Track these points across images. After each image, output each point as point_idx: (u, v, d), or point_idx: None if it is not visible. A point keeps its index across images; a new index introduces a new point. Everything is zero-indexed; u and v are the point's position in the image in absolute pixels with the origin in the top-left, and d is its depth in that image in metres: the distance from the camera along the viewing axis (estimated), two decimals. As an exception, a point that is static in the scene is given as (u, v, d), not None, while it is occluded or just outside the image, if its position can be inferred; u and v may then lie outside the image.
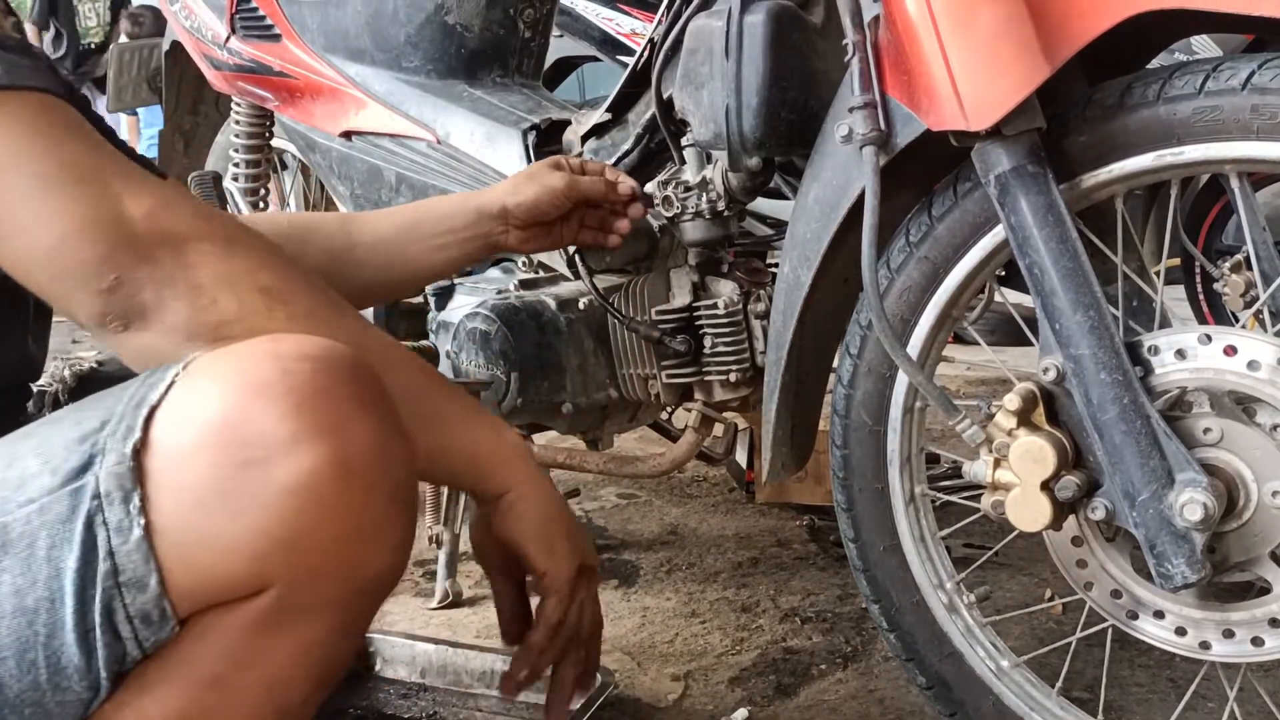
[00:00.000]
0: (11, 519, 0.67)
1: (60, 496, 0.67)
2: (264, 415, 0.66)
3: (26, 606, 0.66)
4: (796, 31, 1.15)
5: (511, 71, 1.66)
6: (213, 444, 0.66)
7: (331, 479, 0.66)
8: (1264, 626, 0.98)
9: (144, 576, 0.66)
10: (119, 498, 0.66)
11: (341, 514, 0.68)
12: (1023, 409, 0.99)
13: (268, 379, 0.66)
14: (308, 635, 0.71)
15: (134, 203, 0.72)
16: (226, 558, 0.67)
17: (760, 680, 1.50)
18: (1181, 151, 0.94)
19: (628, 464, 1.50)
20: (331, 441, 0.66)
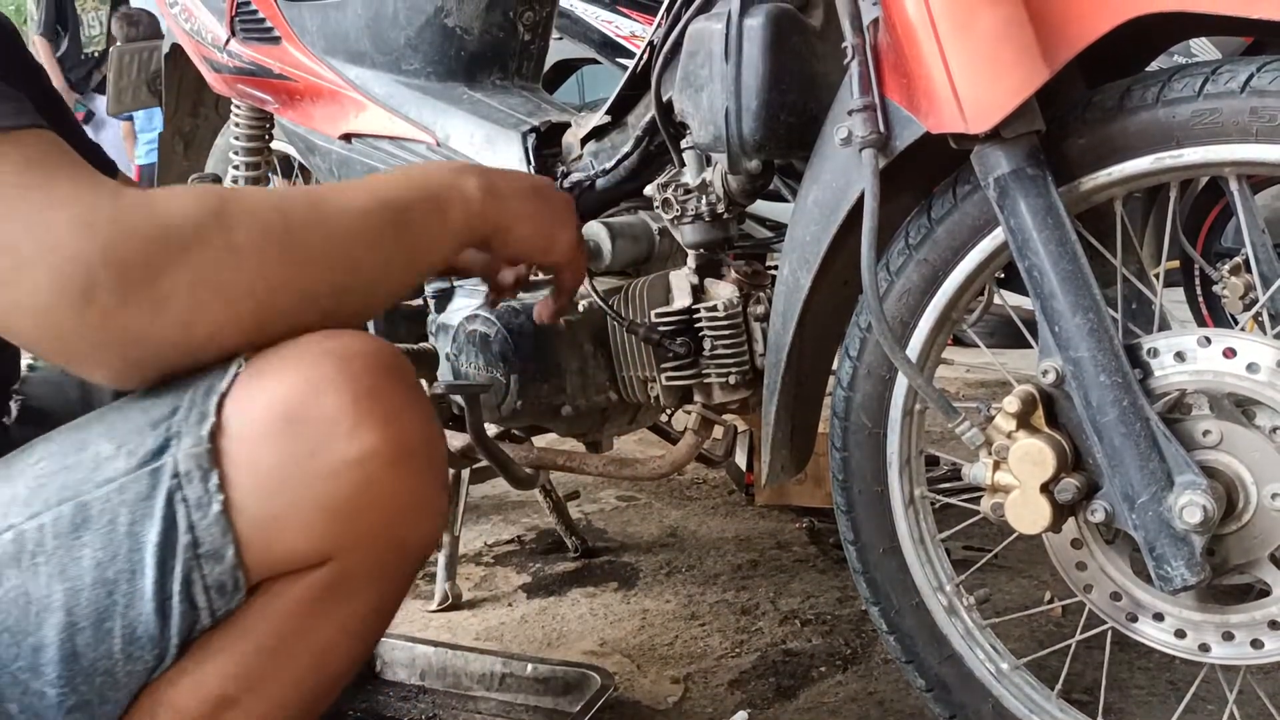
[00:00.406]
0: (91, 497, 0.72)
1: (139, 476, 0.72)
2: (329, 405, 0.73)
3: (107, 578, 0.72)
4: (796, 34, 1.15)
5: (511, 74, 1.66)
6: (284, 430, 0.73)
7: (389, 460, 0.74)
8: (1263, 629, 0.98)
9: (221, 548, 0.72)
10: (198, 476, 0.72)
11: (397, 491, 0.75)
12: (1022, 411, 0.99)
13: (329, 373, 0.73)
14: (357, 605, 0.79)
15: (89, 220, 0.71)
16: (296, 531, 0.73)
17: (760, 682, 1.50)
18: (1181, 154, 0.94)
19: (627, 466, 1.50)
20: (388, 427, 0.74)
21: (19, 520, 0.73)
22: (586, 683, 1.43)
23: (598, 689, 1.41)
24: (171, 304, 0.71)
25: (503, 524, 2.18)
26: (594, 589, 1.84)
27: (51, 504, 0.73)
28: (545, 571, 1.93)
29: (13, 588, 0.73)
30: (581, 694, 1.42)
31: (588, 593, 1.83)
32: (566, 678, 1.45)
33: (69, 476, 0.73)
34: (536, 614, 1.76)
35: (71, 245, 0.68)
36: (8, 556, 0.73)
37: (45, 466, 0.75)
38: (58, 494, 0.73)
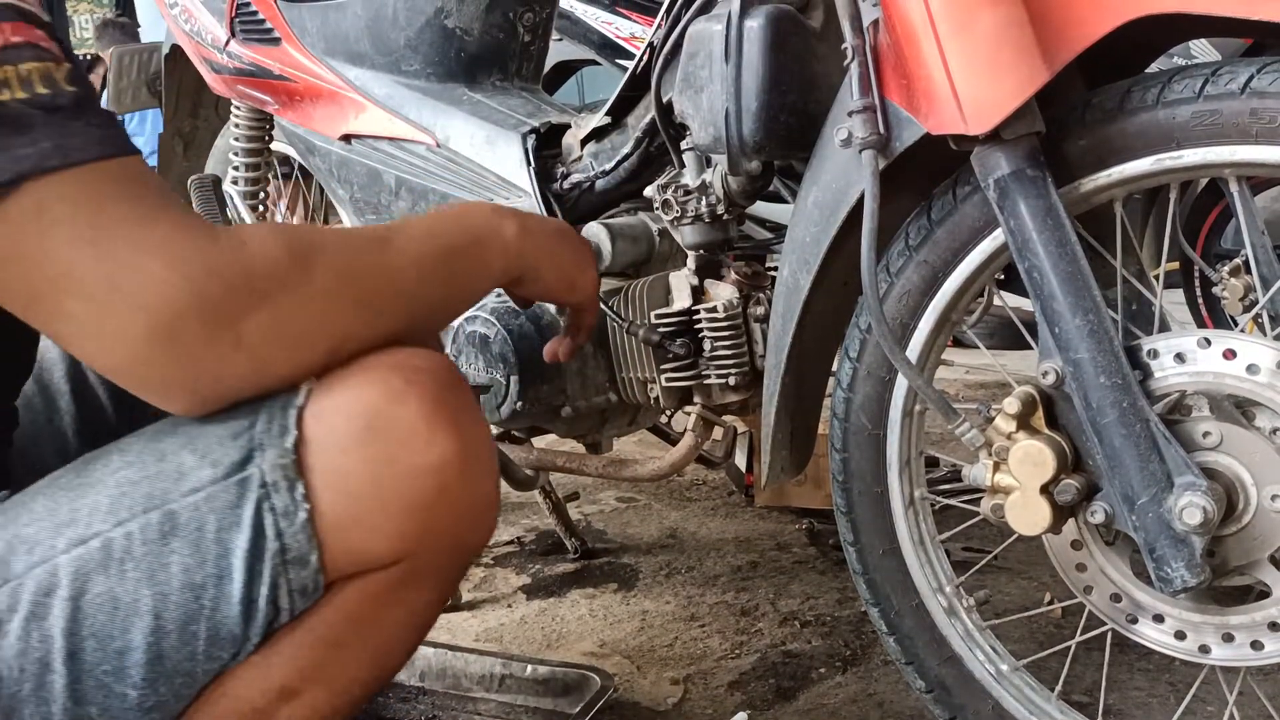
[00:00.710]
0: (178, 506, 0.76)
1: (227, 486, 0.76)
2: (405, 416, 0.78)
3: (194, 583, 0.76)
4: (796, 35, 1.15)
5: (511, 75, 1.66)
6: (365, 440, 0.78)
7: (460, 467, 0.80)
8: (1263, 630, 0.98)
9: (307, 554, 0.77)
10: (285, 486, 0.76)
11: (465, 495, 0.81)
12: (1022, 413, 0.99)
13: (401, 387, 0.79)
14: (419, 602, 0.85)
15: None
16: (374, 534, 0.79)
17: (760, 684, 1.50)
18: (1180, 155, 0.94)
19: (627, 467, 1.50)
20: (459, 436, 0.80)
21: (105, 528, 0.76)
22: (586, 684, 1.43)
23: (597, 690, 1.41)
24: (251, 346, 0.74)
25: (502, 525, 2.18)
26: (594, 590, 1.84)
27: (138, 512, 0.76)
28: (545, 573, 1.93)
29: (100, 594, 0.75)
30: (581, 695, 1.41)
31: (587, 594, 1.83)
32: (566, 679, 1.44)
33: (153, 486, 0.76)
34: (536, 615, 1.76)
35: (166, 288, 0.71)
36: (96, 563, 0.75)
37: (126, 475, 0.77)
38: (144, 503, 0.76)
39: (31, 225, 0.69)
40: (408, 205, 1.63)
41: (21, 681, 0.75)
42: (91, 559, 0.75)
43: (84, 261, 0.70)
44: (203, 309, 0.72)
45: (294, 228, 0.84)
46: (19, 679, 0.75)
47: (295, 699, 0.81)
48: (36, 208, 0.69)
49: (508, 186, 1.52)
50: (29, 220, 0.69)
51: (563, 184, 1.48)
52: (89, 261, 0.70)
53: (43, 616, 0.75)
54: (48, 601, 0.75)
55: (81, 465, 0.80)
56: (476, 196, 1.55)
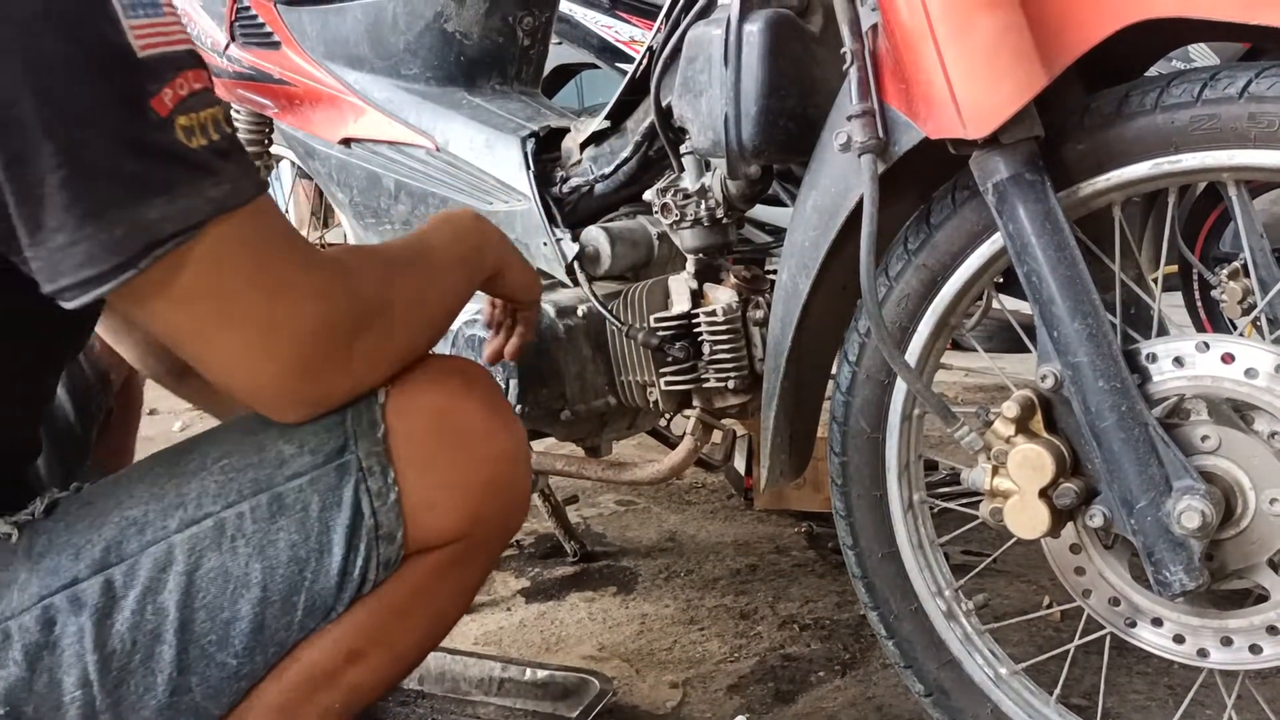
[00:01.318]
0: (284, 489, 0.85)
1: (328, 470, 0.86)
2: (470, 414, 0.91)
3: (299, 557, 0.85)
4: (795, 40, 1.15)
5: (510, 79, 1.66)
6: (440, 432, 0.89)
7: (513, 458, 0.93)
8: (1262, 634, 0.98)
9: (394, 531, 0.88)
10: (379, 470, 0.87)
11: (515, 482, 0.94)
12: (1021, 416, 0.99)
13: (462, 390, 0.92)
14: (471, 574, 0.97)
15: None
16: (447, 514, 0.90)
17: (759, 687, 1.50)
18: (1179, 160, 0.95)
19: (626, 471, 1.50)
20: (511, 432, 0.93)
21: (217, 509, 0.84)
22: (585, 687, 1.43)
23: (596, 694, 1.41)
24: (355, 366, 0.85)
25: (501, 528, 2.18)
26: (593, 593, 1.84)
27: (246, 495, 0.85)
28: (544, 576, 1.93)
29: (213, 568, 0.84)
30: (580, 699, 1.41)
31: (586, 597, 1.83)
32: (565, 682, 1.44)
33: (258, 472, 0.86)
34: (535, 618, 1.76)
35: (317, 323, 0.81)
36: (210, 541, 0.84)
37: (230, 463, 0.86)
38: (251, 486, 0.85)
39: (212, 264, 0.76)
40: (407, 209, 1.63)
41: (133, 654, 0.82)
42: (205, 537, 0.83)
43: (253, 299, 0.78)
44: (335, 338, 0.82)
45: (368, 253, 0.92)
46: (130, 651, 0.82)
47: (361, 660, 0.90)
48: (217, 248, 0.76)
49: (507, 190, 1.52)
50: (210, 259, 0.76)
51: (562, 188, 1.48)
52: (258, 299, 0.78)
53: (158, 591, 0.82)
54: (163, 577, 0.83)
55: (171, 458, 0.88)
56: (476, 200, 1.55)
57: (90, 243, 0.71)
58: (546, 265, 1.49)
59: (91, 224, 0.70)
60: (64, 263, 0.71)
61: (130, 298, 0.75)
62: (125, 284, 0.72)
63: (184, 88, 0.73)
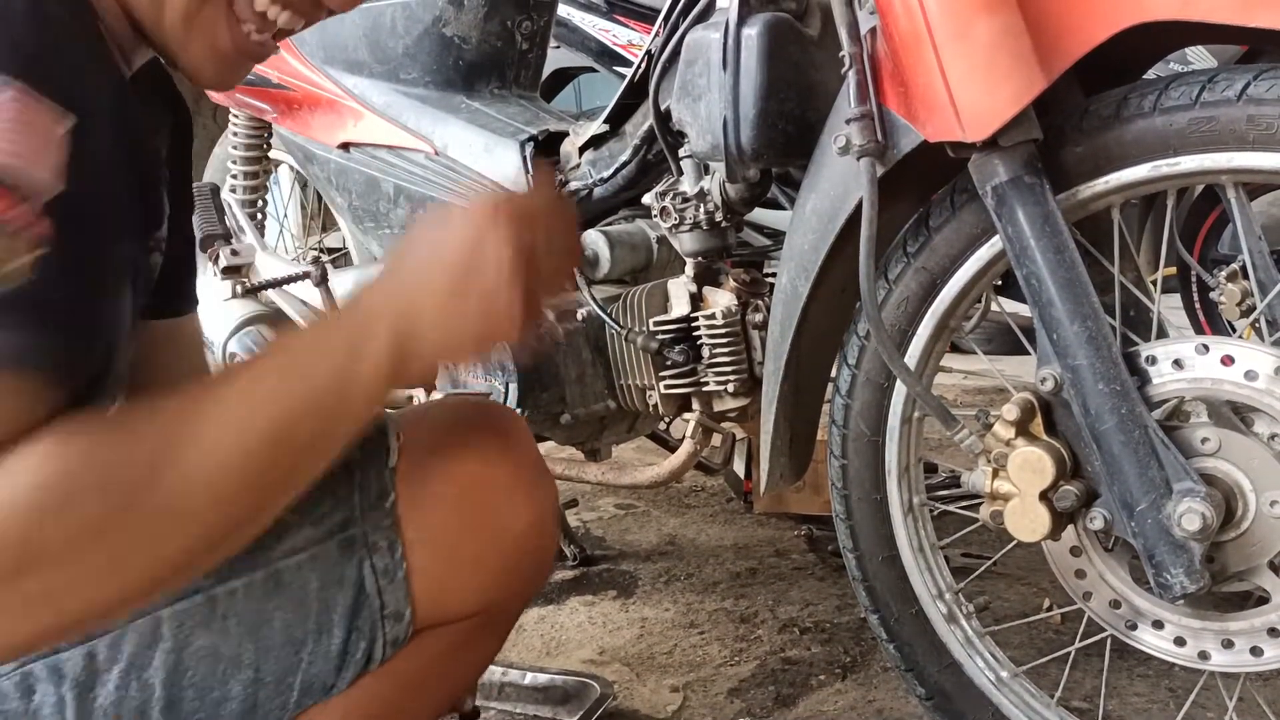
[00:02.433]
0: (282, 566, 0.78)
1: (329, 546, 0.78)
2: (497, 484, 0.82)
3: (296, 638, 0.78)
4: (793, 43, 1.15)
5: (509, 83, 1.66)
6: (459, 506, 0.81)
7: (539, 530, 0.85)
8: (1263, 636, 0.98)
9: (402, 609, 0.81)
10: (385, 546, 0.79)
11: (543, 554, 0.87)
12: (1021, 419, 0.99)
13: (494, 455, 0.83)
14: (489, 646, 0.91)
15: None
16: (464, 592, 0.83)
17: (759, 691, 1.50)
18: (1178, 162, 0.95)
19: (626, 474, 1.50)
20: (541, 503, 0.85)
21: (208, 584, 0.76)
22: (585, 691, 1.43)
23: (596, 698, 1.41)
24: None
25: (501, 532, 2.17)
26: (592, 597, 1.84)
27: (240, 571, 0.76)
28: (544, 580, 1.93)
29: (202, 647, 0.77)
30: (580, 703, 1.41)
31: (586, 601, 1.83)
32: (565, 686, 1.44)
33: (255, 544, 0.74)
34: (535, 622, 1.75)
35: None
36: (200, 618, 0.76)
37: None
38: (247, 560, 0.76)
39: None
40: (406, 213, 1.63)
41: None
42: (195, 613, 0.76)
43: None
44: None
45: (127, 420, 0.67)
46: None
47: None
48: None
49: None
50: None
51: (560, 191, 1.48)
52: None
53: (143, 667, 0.76)
54: (149, 654, 0.76)
55: None
56: (475, 204, 1.55)
57: None
58: (546, 269, 1.49)
59: None
60: None
61: None
62: None
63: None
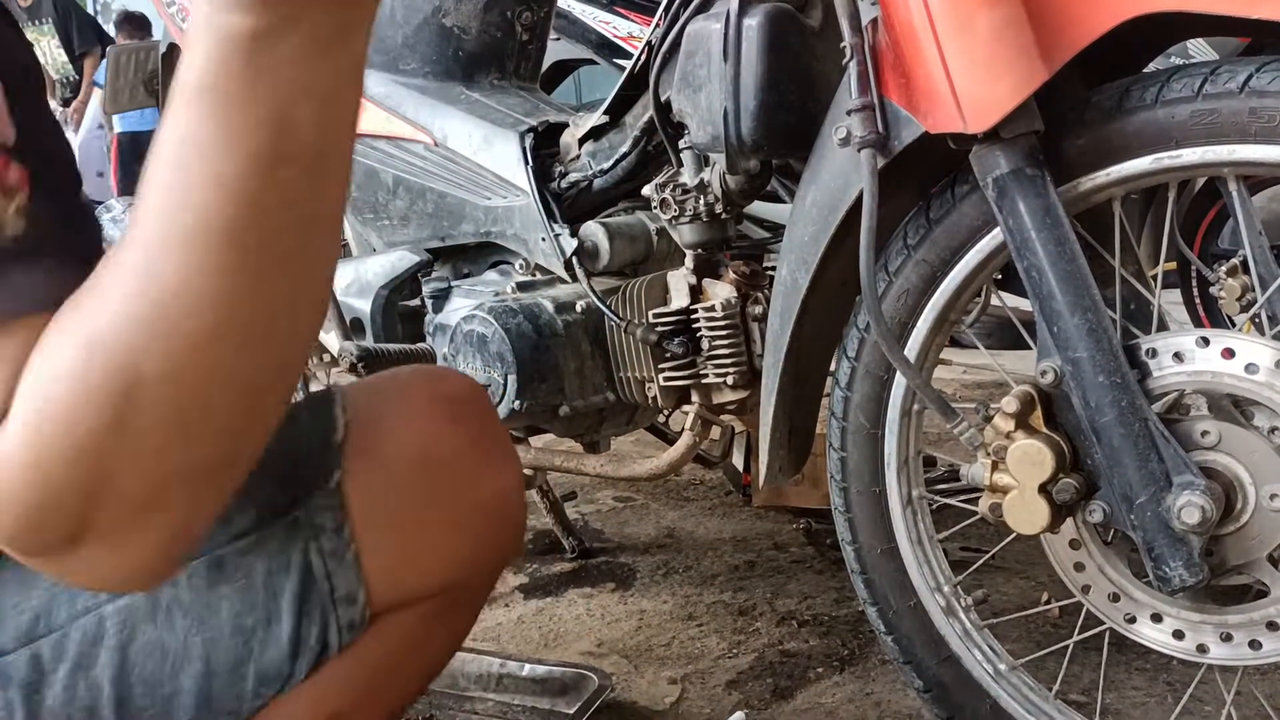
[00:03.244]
0: (225, 552, 0.74)
1: (273, 530, 0.74)
2: (450, 454, 0.77)
3: (244, 627, 0.75)
4: (794, 34, 1.15)
5: (509, 74, 1.66)
6: (409, 478, 0.76)
7: (502, 499, 0.81)
8: (1261, 629, 0.98)
9: (354, 591, 0.76)
10: (332, 527, 0.75)
11: (508, 524, 0.83)
12: (1020, 412, 0.99)
13: (447, 420, 0.78)
14: (460, 623, 0.87)
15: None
16: (422, 571, 0.78)
17: (757, 683, 1.50)
18: (1179, 155, 0.94)
19: (624, 467, 1.50)
20: (503, 465, 0.81)
21: None
22: (584, 683, 1.43)
23: (595, 690, 1.41)
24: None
25: (500, 524, 2.17)
26: (591, 590, 1.84)
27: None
28: (542, 572, 1.93)
29: (148, 642, 0.74)
30: (579, 695, 1.41)
31: (585, 593, 1.83)
32: (564, 678, 1.44)
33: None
34: (533, 615, 1.75)
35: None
36: (143, 612, 0.74)
37: None
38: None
39: None
40: (405, 204, 1.63)
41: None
42: (138, 607, 0.74)
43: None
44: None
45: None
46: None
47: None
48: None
49: (505, 185, 1.52)
50: None
51: (560, 183, 1.47)
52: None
53: (89, 666, 0.74)
54: (94, 651, 0.74)
55: None
56: (474, 195, 1.55)
57: None
58: (545, 260, 1.49)
59: None
60: None
61: None
62: None
63: None
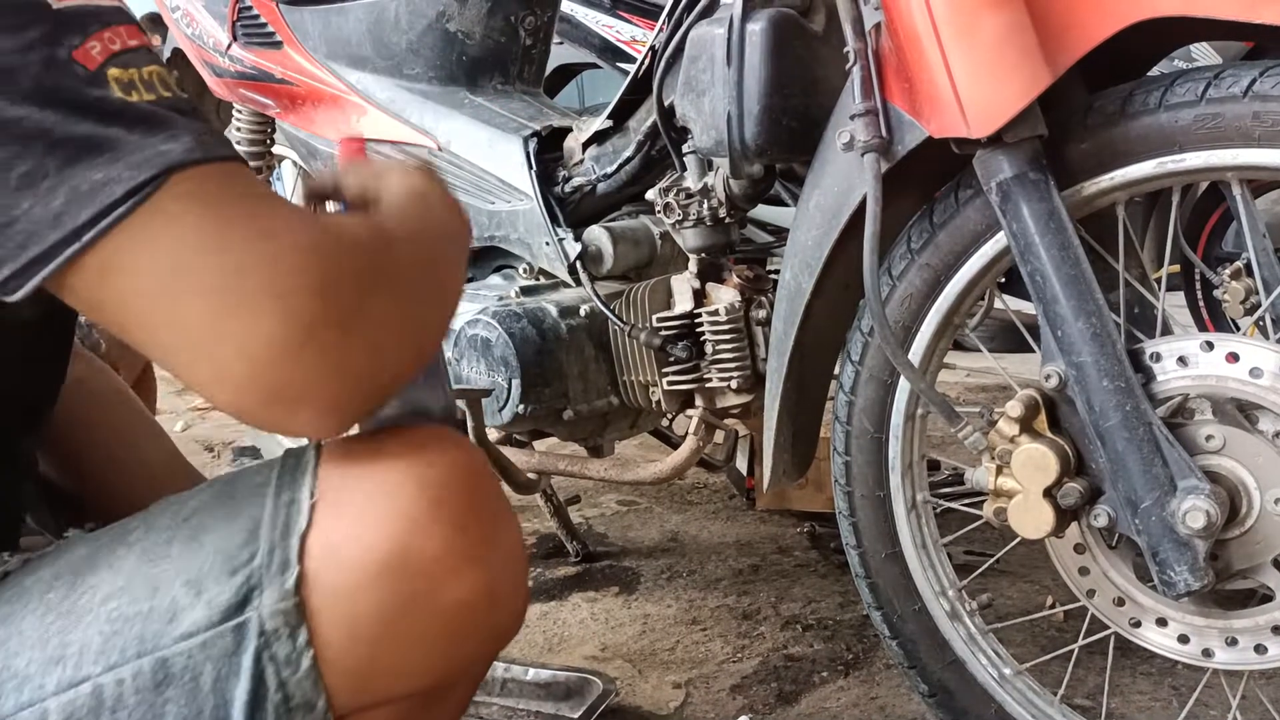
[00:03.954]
0: (172, 653, 0.69)
1: (223, 632, 0.69)
2: (428, 549, 0.70)
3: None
4: (798, 39, 1.15)
5: (512, 78, 1.66)
6: (377, 581, 0.69)
7: (486, 603, 0.73)
8: (1267, 634, 0.97)
9: (313, 699, 0.70)
10: (286, 633, 0.69)
11: (497, 620, 0.76)
12: (1025, 416, 0.99)
13: (421, 515, 0.70)
14: (445, 713, 0.81)
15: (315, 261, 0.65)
16: (391, 678, 0.72)
17: (762, 688, 1.50)
18: (1183, 159, 0.94)
19: (628, 470, 1.50)
20: (488, 562, 0.73)
21: (96, 672, 0.70)
22: (587, 688, 1.43)
23: (599, 694, 1.41)
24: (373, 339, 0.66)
25: (503, 529, 2.17)
26: (595, 594, 1.84)
27: (130, 656, 0.70)
28: (546, 576, 1.93)
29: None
30: (583, 699, 1.41)
31: (588, 597, 1.83)
32: (567, 683, 1.44)
33: (145, 627, 0.70)
34: (537, 619, 1.75)
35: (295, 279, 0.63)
36: (87, 709, 0.70)
37: (117, 609, 0.70)
38: (136, 646, 0.70)
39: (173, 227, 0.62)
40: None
41: None
42: (82, 704, 0.70)
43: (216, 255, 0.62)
44: (333, 297, 0.63)
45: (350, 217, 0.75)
46: None
47: None
48: (177, 208, 0.62)
49: (509, 190, 1.52)
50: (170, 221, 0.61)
51: (564, 187, 1.48)
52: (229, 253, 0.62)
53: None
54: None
55: (73, 578, 0.73)
56: (479, 200, 1.55)
57: (26, 220, 0.60)
58: (549, 265, 1.49)
59: (26, 198, 0.60)
60: (2, 247, 0.60)
61: (80, 281, 0.62)
62: (71, 263, 0.60)
63: (114, 42, 0.62)
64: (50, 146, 0.60)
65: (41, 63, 0.60)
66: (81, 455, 1.03)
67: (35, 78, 0.60)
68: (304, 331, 0.63)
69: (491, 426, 1.45)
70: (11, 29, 0.60)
